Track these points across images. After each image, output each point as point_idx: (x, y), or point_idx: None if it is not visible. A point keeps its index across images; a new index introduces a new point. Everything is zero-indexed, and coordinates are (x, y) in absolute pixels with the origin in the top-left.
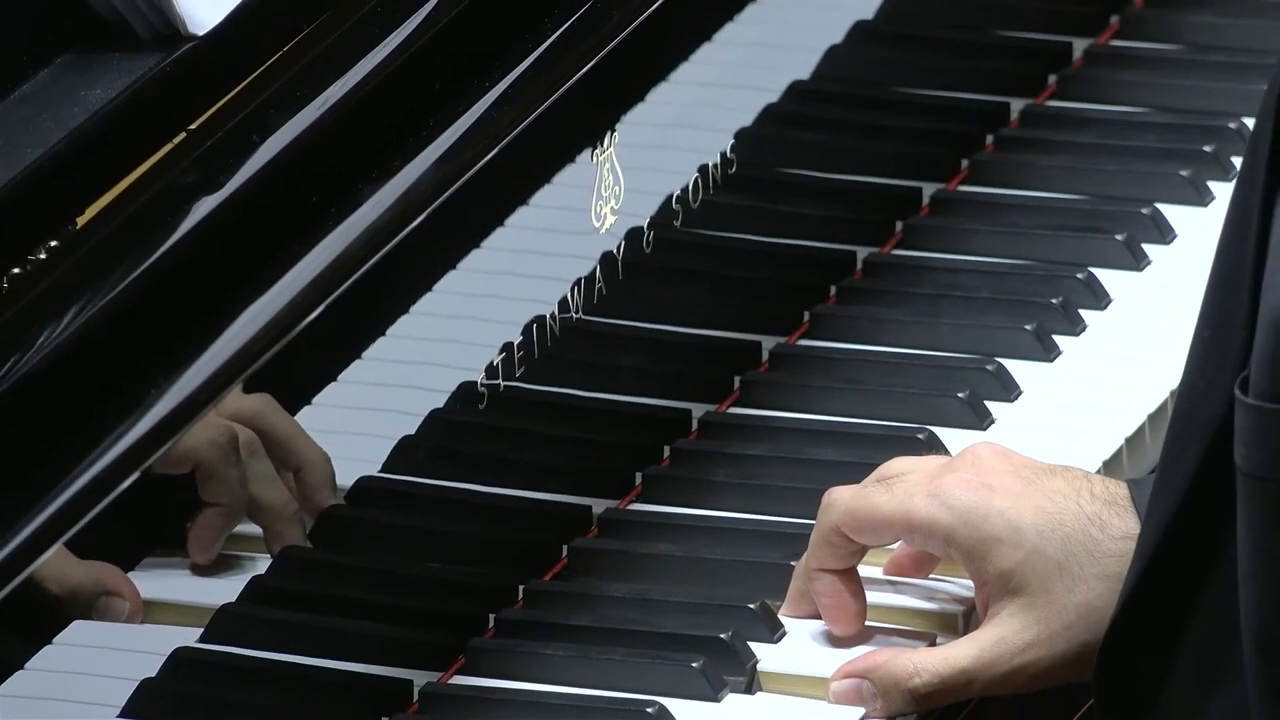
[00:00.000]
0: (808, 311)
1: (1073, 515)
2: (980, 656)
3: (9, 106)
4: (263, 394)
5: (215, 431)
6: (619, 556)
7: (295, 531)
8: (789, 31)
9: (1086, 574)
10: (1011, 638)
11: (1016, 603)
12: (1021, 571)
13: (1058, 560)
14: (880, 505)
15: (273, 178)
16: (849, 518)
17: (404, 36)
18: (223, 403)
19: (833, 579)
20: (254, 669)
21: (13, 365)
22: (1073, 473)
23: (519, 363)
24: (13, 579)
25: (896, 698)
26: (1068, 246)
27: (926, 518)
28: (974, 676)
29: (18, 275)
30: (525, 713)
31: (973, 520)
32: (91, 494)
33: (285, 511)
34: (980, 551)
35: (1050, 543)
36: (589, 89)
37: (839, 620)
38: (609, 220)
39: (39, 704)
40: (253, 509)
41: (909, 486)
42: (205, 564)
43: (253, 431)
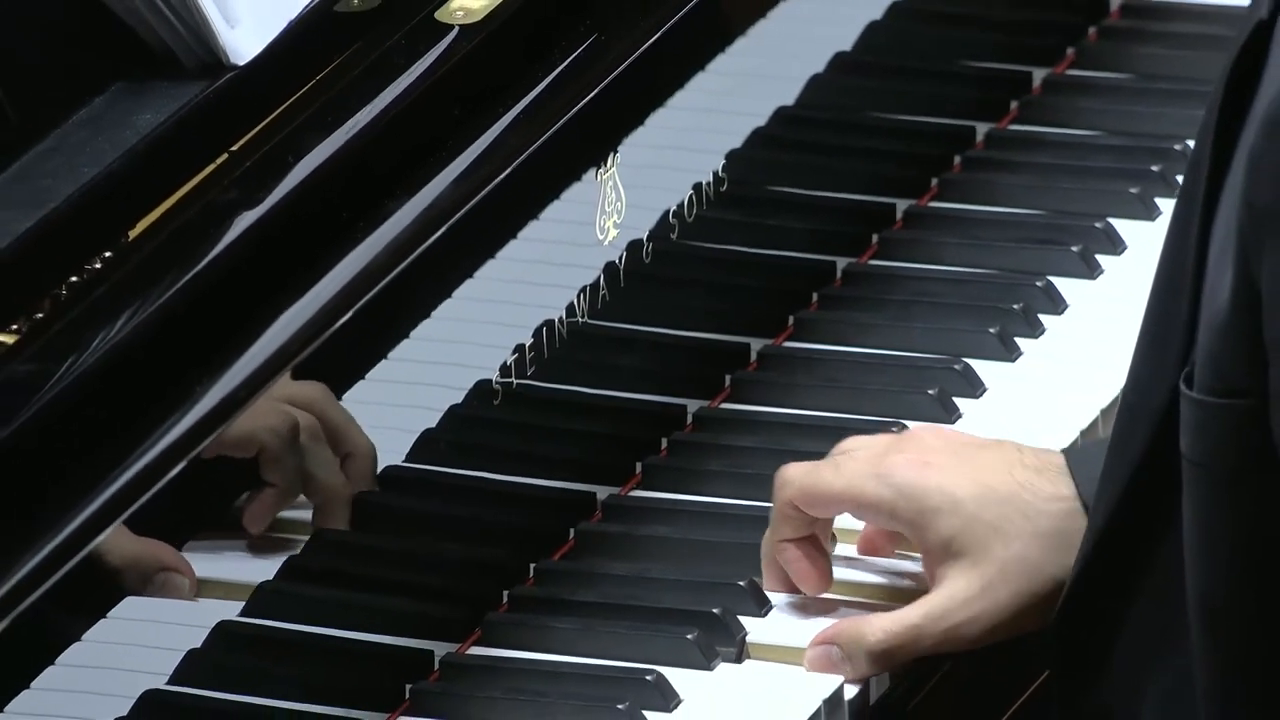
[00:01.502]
0: (792, 316)
1: (1005, 483)
2: (930, 613)
3: (69, 130)
4: (321, 384)
5: (278, 419)
6: (621, 538)
7: (345, 511)
8: (775, 62)
9: (1021, 532)
10: (958, 594)
11: (959, 564)
12: (961, 537)
13: (993, 523)
14: (830, 483)
15: (306, 195)
16: (801, 494)
17: (426, 67)
18: (286, 391)
19: (795, 548)
20: (290, 640)
21: (71, 364)
22: (1004, 445)
23: (530, 363)
24: (71, 558)
25: (860, 658)
26: (1028, 257)
27: (872, 495)
28: (926, 632)
29: (75, 283)
30: (536, 680)
31: (913, 495)
32: (142, 481)
33: (341, 493)
34: (921, 523)
35: (985, 508)
36: (593, 114)
37: (807, 583)
38: (611, 233)
39: (95, 673)
40: (311, 488)
41: (856, 466)
42: (257, 534)
43: (313, 417)
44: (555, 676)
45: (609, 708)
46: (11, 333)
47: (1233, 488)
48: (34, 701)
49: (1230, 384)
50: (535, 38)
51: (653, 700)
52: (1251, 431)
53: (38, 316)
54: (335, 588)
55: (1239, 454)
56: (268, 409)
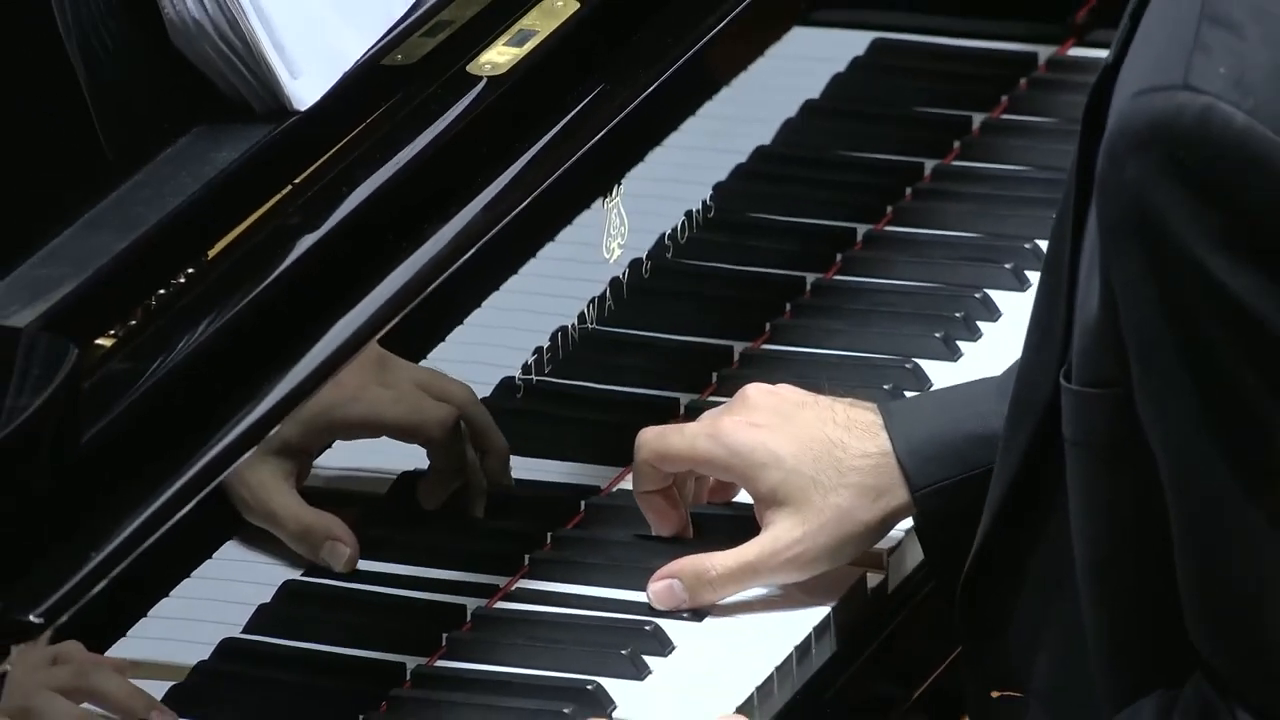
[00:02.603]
0: (769, 323)
1: (820, 440)
2: (761, 552)
3: (156, 166)
4: (468, 386)
5: (444, 413)
6: (623, 509)
7: (481, 500)
8: (755, 108)
9: (835, 484)
10: (784, 535)
11: (784, 510)
12: (784, 488)
13: (811, 476)
14: (674, 444)
15: (358, 220)
16: (652, 454)
17: (459, 112)
18: (445, 392)
19: (654, 498)
20: (343, 596)
21: (160, 363)
22: (822, 404)
23: (547, 362)
24: (164, 524)
25: (701, 589)
26: (968, 273)
27: (706, 453)
28: (758, 566)
29: (163, 295)
30: (557, 630)
31: (742, 453)
32: (222, 460)
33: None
34: (750, 475)
35: (804, 463)
36: (600, 152)
37: (664, 527)
38: (616, 253)
39: (183, 624)
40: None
41: (696, 429)
42: (432, 509)
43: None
44: (569, 627)
45: (614, 653)
46: (110, 337)
47: (1108, 463)
48: (134, 647)
49: (1101, 376)
50: (551, 88)
51: (650, 647)
52: (1121, 415)
53: (131, 323)
54: (380, 555)
55: (1112, 434)
56: (432, 405)
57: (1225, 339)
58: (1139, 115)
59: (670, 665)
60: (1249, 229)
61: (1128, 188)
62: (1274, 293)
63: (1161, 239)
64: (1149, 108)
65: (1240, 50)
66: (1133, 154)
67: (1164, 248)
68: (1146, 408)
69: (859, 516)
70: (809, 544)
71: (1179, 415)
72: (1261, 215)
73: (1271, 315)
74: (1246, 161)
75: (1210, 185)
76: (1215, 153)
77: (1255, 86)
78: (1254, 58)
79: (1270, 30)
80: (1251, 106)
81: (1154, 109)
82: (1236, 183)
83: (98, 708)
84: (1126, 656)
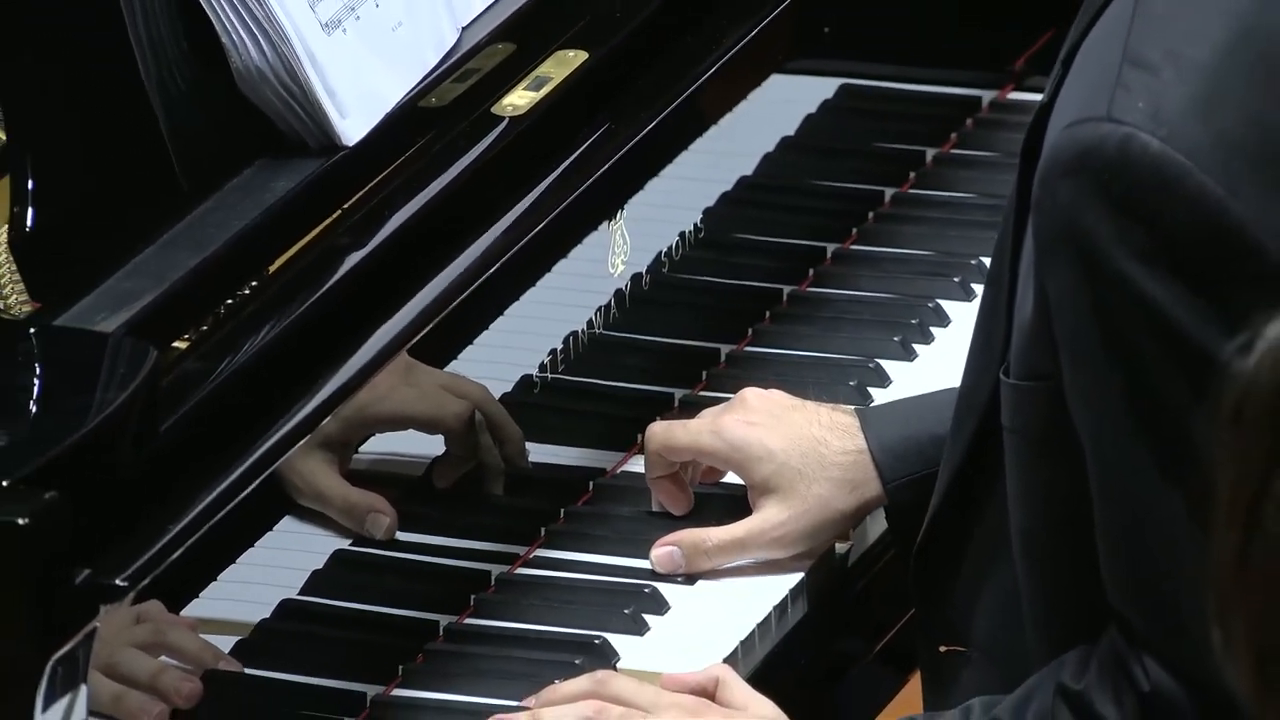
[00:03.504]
0: (751, 328)
1: (807, 438)
2: (751, 530)
3: (224, 194)
4: (483, 385)
5: (460, 407)
6: (626, 488)
7: (500, 480)
8: (739, 144)
9: (818, 476)
10: (771, 519)
11: (773, 497)
12: (774, 478)
13: (798, 468)
14: (679, 437)
15: (397, 241)
16: (661, 446)
17: (485, 147)
18: (463, 391)
19: (663, 482)
20: (384, 563)
21: (228, 363)
22: (809, 407)
23: (560, 362)
24: (230, 501)
25: (697, 557)
26: (922, 285)
27: (709, 446)
28: (747, 542)
29: (230, 305)
30: (571, 593)
31: (739, 446)
32: (280, 447)
33: (496, 464)
34: (746, 466)
35: (792, 457)
36: (606, 182)
37: (673, 506)
38: (619, 268)
39: (245, 586)
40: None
41: (699, 424)
42: (444, 487)
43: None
44: (579, 589)
45: (618, 612)
46: (184, 340)
47: (1041, 448)
48: (204, 607)
49: (1035, 371)
50: (564, 127)
51: (649, 607)
52: (1052, 406)
53: (202, 329)
54: (416, 528)
55: (1044, 423)
56: (449, 400)
57: (1146, 340)
58: (1069, 145)
59: (666, 623)
60: (1166, 243)
61: (1060, 208)
62: (1189, 300)
63: (1090, 253)
64: (1078, 137)
65: (1156, 88)
66: (1064, 179)
67: (1092, 261)
68: (1075, 400)
69: (837, 505)
70: (792, 527)
71: (1104, 408)
72: (1176, 230)
73: (1186, 319)
74: (1162, 183)
75: (1131, 204)
76: (1135, 176)
77: (1169, 118)
78: (1167, 94)
79: (1181, 71)
80: (1165, 135)
81: (1082, 138)
82: (1153, 202)
83: (173, 659)
84: (1055, 615)
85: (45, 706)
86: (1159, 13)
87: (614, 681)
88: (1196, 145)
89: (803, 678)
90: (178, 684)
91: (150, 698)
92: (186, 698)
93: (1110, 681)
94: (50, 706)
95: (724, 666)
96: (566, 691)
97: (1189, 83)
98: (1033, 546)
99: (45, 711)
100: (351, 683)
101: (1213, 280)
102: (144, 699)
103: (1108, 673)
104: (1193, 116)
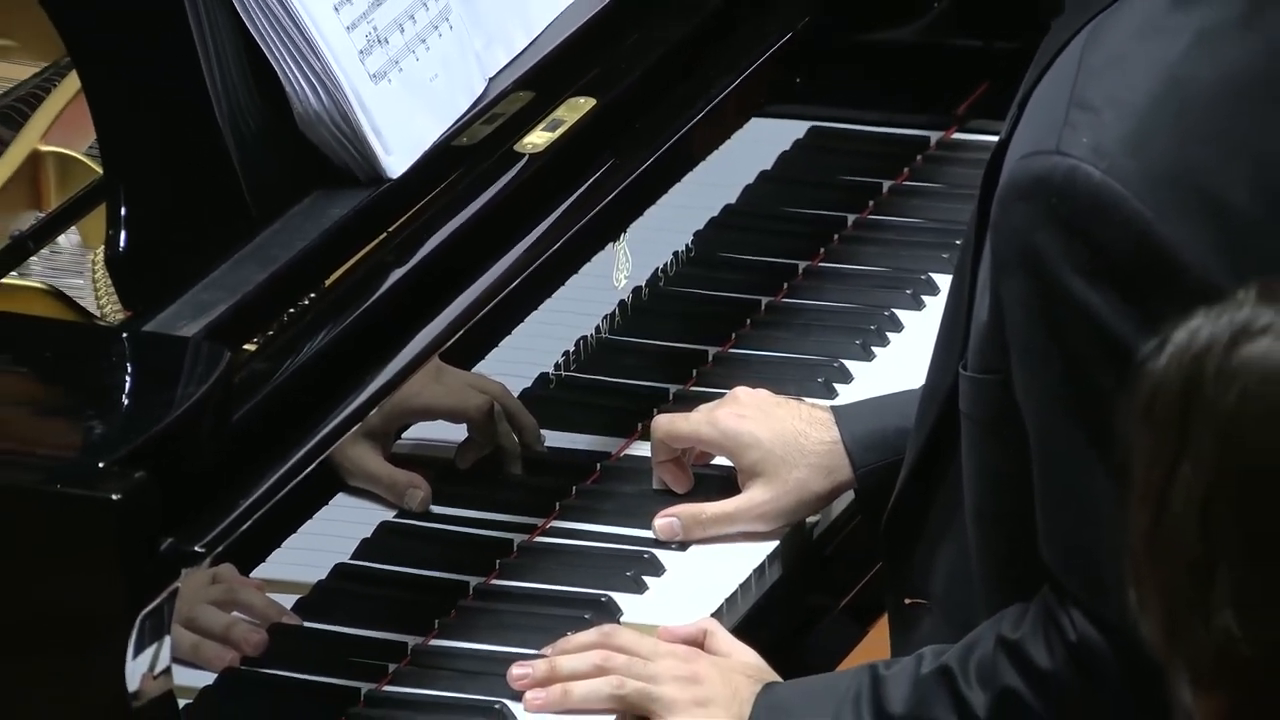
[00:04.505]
0: (734, 333)
1: (789, 430)
2: (739, 507)
3: (287, 219)
4: (501, 383)
5: (482, 402)
6: (629, 470)
7: (518, 463)
8: (724, 177)
9: (799, 463)
10: (757, 497)
11: (761, 480)
12: (761, 463)
13: (781, 456)
14: (681, 428)
15: (433, 259)
16: (665, 434)
17: (507, 180)
18: (485, 388)
19: (667, 465)
20: (422, 532)
21: (290, 363)
22: (791, 404)
23: (572, 361)
24: (292, 480)
25: (693, 528)
26: (880, 296)
27: (706, 435)
28: (736, 517)
29: (292, 313)
30: (582, 558)
31: (732, 436)
32: (334, 434)
33: (512, 448)
34: (738, 453)
35: (776, 446)
36: (611, 209)
37: (676, 485)
38: (622, 282)
39: (302, 553)
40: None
41: (698, 417)
42: (465, 468)
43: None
44: (588, 555)
45: (621, 574)
46: (254, 343)
47: (992, 431)
48: (270, 570)
49: (990, 365)
50: (576, 162)
51: (648, 570)
52: (1002, 394)
53: (269, 334)
54: (448, 502)
55: (996, 410)
56: (474, 395)
57: (1082, 339)
58: (1024, 174)
59: (663, 583)
60: (1103, 258)
61: (1014, 228)
62: (1119, 306)
63: (1039, 265)
64: (1031, 168)
65: (1097, 127)
66: (1018, 202)
67: (1041, 272)
68: (1021, 390)
69: (814, 488)
70: (775, 505)
71: (1045, 396)
72: (1111, 248)
73: (1116, 323)
74: (1101, 208)
75: (1075, 226)
76: (1078, 201)
77: (1108, 153)
78: (1108, 132)
79: (1119, 114)
80: (1105, 167)
81: (1034, 169)
82: (1094, 224)
83: (243, 614)
84: (999, 575)
85: (135, 654)
86: (1100, 66)
87: (618, 633)
88: (1130, 176)
89: (778, 629)
90: (247, 635)
91: (223, 647)
92: (254, 646)
93: (1043, 631)
94: (139, 654)
95: (712, 620)
96: (578, 641)
97: (1125, 123)
98: (983, 515)
99: (135, 659)
100: (395, 634)
101: (1139, 290)
102: (218, 648)
103: (1040, 624)
104: (1127, 152)
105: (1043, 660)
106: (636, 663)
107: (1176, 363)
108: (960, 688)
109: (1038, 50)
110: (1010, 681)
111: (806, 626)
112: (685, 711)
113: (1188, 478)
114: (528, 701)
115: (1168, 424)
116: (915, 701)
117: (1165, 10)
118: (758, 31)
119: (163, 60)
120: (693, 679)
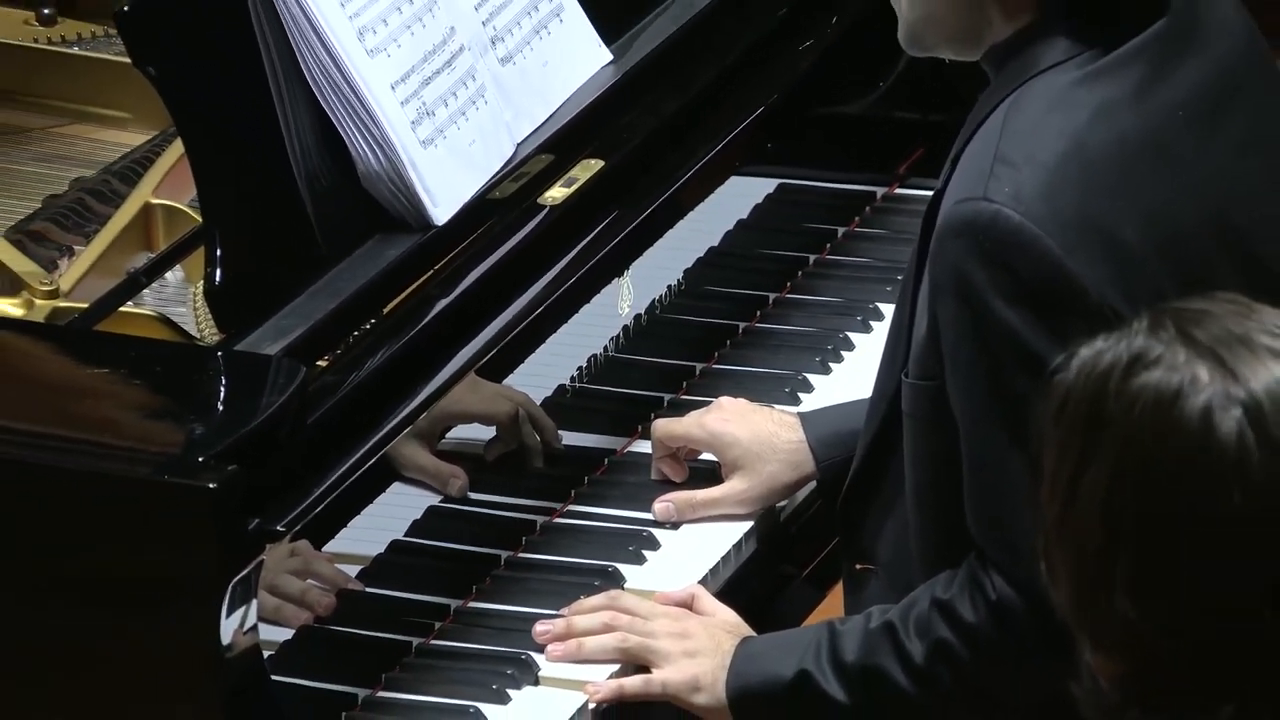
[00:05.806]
0: (717, 352)
1: (764, 431)
2: (723, 494)
3: (352, 258)
4: (526, 393)
5: (509, 405)
6: (632, 463)
7: (540, 459)
8: (708, 224)
9: (772, 459)
10: (738, 487)
11: (740, 473)
12: (741, 460)
13: (757, 453)
14: (676, 429)
15: (471, 292)
16: (664, 435)
17: (531, 227)
18: (510, 396)
19: (666, 459)
20: (462, 514)
21: (354, 376)
22: (765, 410)
23: (584, 375)
24: (356, 471)
25: (686, 511)
26: (835, 322)
27: (695, 436)
28: (720, 503)
29: (356, 335)
30: (587, 536)
31: (717, 436)
32: (390, 434)
33: (535, 447)
34: (721, 451)
35: (753, 445)
36: (616, 250)
37: (675, 476)
38: (626, 310)
39: (364, 531)
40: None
41: (689, 420)
42: (491, 460)
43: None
44: (597, 533)
45: (624, 548)
46: (325, 360)
47: (929, 428)
48: (339, 545)
49: (927, 373)
50: (588, 212)
51: (646, 545)
52: (938, 398)
53: (337, 352)
54: (483, 490)
55: (931, 410)
56: (503, 402)
57: (1004, 352)
58: (956, 216)
59: (658, 556)
60: (1021, 286)
61: (949, 261)
62: (1035, 325)
63: (968, 291)
64: (962, 211)
65: (1017, 179)
66: (952, 239)
67: (971, 297)
68: (953, 393)
69: (783, 480)
70: (752, 493)
71: (972, 398)
72: (1028, 277)
73: (1032, 338)
74: (1019, 244)
75: (999, 259)
76: (1001, 239)
77: (1025, 200)
78: (1025, 183)
79: (1035, 168)
80: (1023, 211)
81: (965, 212)
82: (1015, 258)
83: (316, 582)
84: (936, 544)
85: (228, 614)
86: (1020, 129)
87: (623, 597)
88: (1043, 219)
89: (753, 593)
90: (319, 598)
91: (299, 608)
92: (325, 608)
93: (969, 592)
94: (231, 614)
95: (699, 586)
96: (590, 604)
97: (1039, 177)
98: (922, 496)
99: (228, 618)
100: (440, 598)
101: (1051, 312)
102: (295, 610)
103: (967, 586)
104: (1041, 199)
105: (969, 616)
106: (637, 621)
107: (1084, 378)
108: (902, 640)
109: (966, 119)
110: (942, 634)
111: (776, 591)
112: (677, 661)
113: (1092, 476)
114: (549, 653)
115: (1075, 429)
116: (865, 651)
117: (1072, 86)
118: (737, 105)
119: (251, 129)
120: (683, 634)
